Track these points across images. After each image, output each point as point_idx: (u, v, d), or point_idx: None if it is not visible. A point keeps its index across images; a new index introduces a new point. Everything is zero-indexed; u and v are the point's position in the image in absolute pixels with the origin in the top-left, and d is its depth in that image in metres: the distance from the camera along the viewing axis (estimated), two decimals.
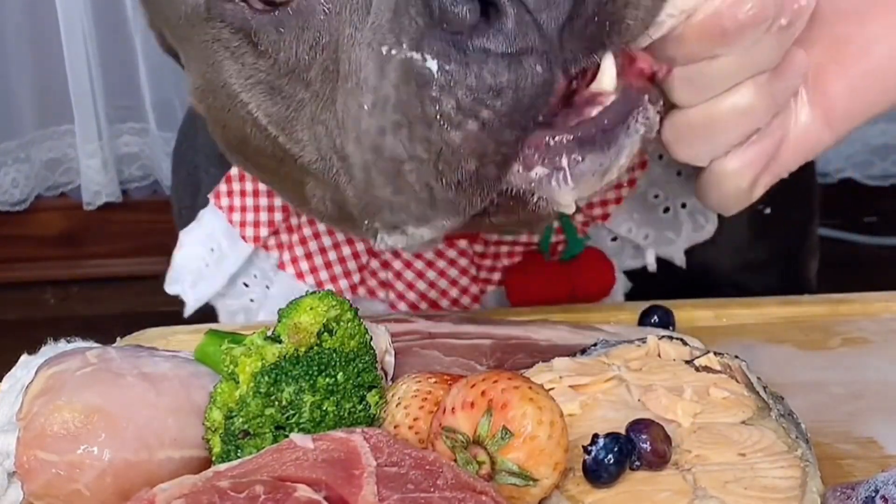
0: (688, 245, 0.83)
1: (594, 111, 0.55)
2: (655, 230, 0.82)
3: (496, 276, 0.83)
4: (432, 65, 0.52)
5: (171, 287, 0.85)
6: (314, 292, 0.59)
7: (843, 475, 0.60)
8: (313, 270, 0.82)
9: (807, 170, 0.84)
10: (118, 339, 0.75)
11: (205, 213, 0.84)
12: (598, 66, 0.55)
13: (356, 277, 0.84)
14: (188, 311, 0.85)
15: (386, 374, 0.64)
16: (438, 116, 0.53)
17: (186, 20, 0.64)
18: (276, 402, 0.57)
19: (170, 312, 0.91)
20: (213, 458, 0.57)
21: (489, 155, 0.54)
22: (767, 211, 0.86)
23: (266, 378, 0.57)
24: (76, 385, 0.58)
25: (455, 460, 0.53)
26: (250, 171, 0.75)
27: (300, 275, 0.82)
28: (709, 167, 0.61)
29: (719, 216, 0.81)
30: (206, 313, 0.91)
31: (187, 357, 0.63)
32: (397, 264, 0.83)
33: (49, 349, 0.67)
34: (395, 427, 0.58)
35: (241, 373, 0.57)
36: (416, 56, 0.52)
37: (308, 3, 0.58)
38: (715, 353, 0.63)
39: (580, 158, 0.54)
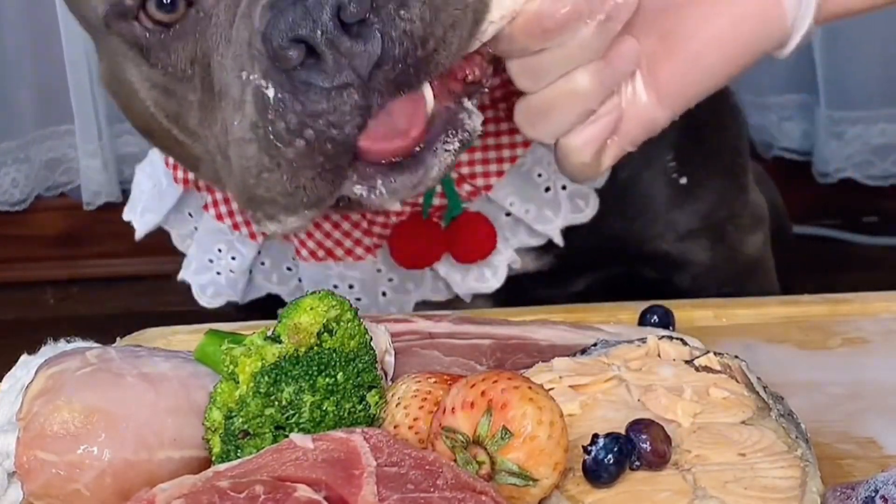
0: (564, 225, 0.88)
1: (413, 132, 0.66)
2: (536, 207, 0.88)
3: (387, 231, 0.89)
4: (270, 92, 0.63)
5: (127, 215, 0.96)
6: (314, 292, 0.59)
7: (842, 475, 0.60)
8: (230, 213, 0.90)
9: (726, 146, 0.97)
10: (118, 339, 0.75)
11: (152, 151, 0.94)
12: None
13: None
14: (137, 235, 0.95)
15: (386, 374, 0.64)
16: (274, 135, 0.64)
17: (92, 25, 0.75)
18: (276, 402, 0.57)
19: (170, 312, 0.92)
20: (213, 458, 0.57)
21: (319, 166, 0.65)
22: (683, 181, 0.93)
23: (266, 378, 0.57)
24: (76, 385, 0.58)
25: (455, 460, 0.53)
26: (157, 147, 0.85)
27: (219, 216, 0.91)
28: (556, 145, 0.69)
29: (640, 188, 0.89)
30: (207, 313, 0.91)
31: (187, 357, 0.63)
32: None
33: (49, 349, 0.67)
34: (394, 427, 0.58)
35: (240, 373, 0.57)
36: (262, 83, 0.64)
37: (186, 26, 0.69)
38: (715, 353, 0.63)
39: (392, 180, 0.67)
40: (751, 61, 0.67)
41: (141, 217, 0.94)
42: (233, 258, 0.92)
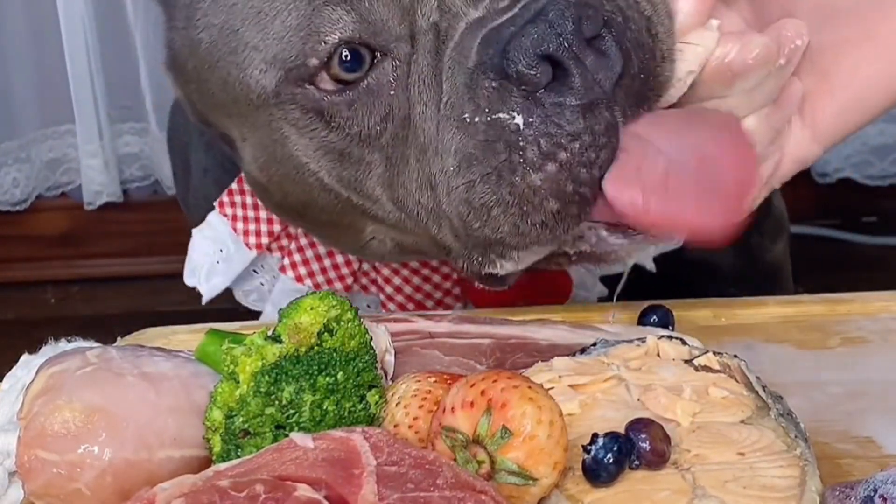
0: (657, 253, 0.88)
1: None
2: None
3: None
4: (518, 120, 0.60)
5: (188, 280, 0.92)
6: (314, 292, 0.59)
7: (841, 474, 0.60)
8: (311, 274, 0.88)
9: None
10: (118, 338, 0.75)
11: (212, 216, 0.90)
12: None
13: (349, 280, 0.89)
14: (205, 300, 0.92)
15: (386, 374, 0.64)
16: (522, 161, 0.60)
17: (247, 103, 0.68)
18: (277, 402, 0.57)
19: (170, 312, 0.93)
20: (214, 458, 0.57)
21: (569, 194, 0.61)
22: None
23: (266, 377, 0.57)
24: (76, 385, 0.58)
25: (455, 459, 0.53)
26: (303, 227, 0.83)
27: (299, 278, 0.88)
28: None
29: None
30: (207, 313, 0.91)
31: (187, 357, 0.63)
32: (386, 270, 0.88)
33: (49, 349, 0.67)
34: (394, 426, 0.58)
35: (241, 372, 0.57)
36: (503, 115, 0.60)
37: (377, 82, 0.64)
38: (714, 353, 0.63)
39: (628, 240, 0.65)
40: None
41: (207, 282, 0.91)
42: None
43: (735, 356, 0.63)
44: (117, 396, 0.58)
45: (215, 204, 0.90)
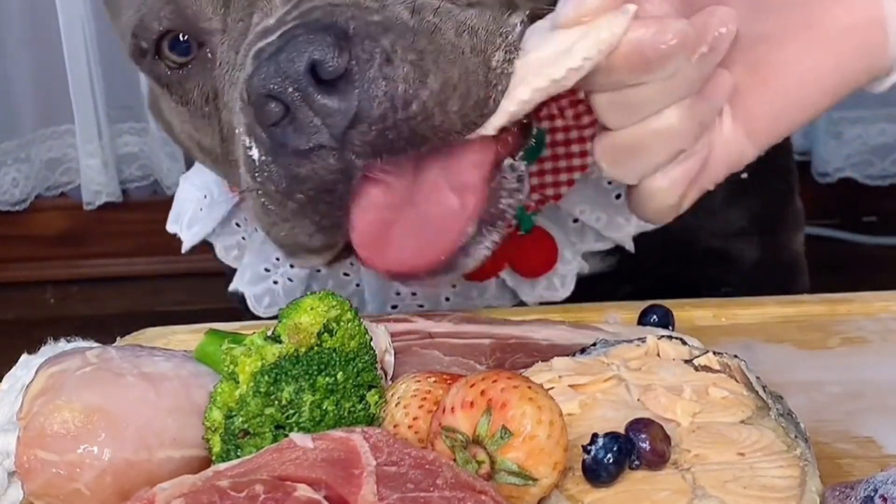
0: (637, 232, 0.86)
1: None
2: (607, 214, 0.86)
3: None
4: (255, 153, 0.62)
5: (170, 226, 0.94)
6: (314, 293, 0.59)
7: (841, 474, 0.60)
8: None
9: (780, 146, 0.91)
10: (118, 338, 0.75)
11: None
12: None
13: None
14: (185, 247, 0.93)
15: (386, 374, 0.64)
16: (265, 196, 0.64)
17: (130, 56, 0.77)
18: (276, 402, 0.57)
19: (170, 312, 0.92)
20: (213, 458, 0.57)
21: (315, 224, 0.64)
22: (744, 175, 0.87)
23: (266, 377, 0.57)
24: (76, 385, 0.58)
25: (454, 460, 0.53)
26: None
27: None
28: (639, 185, 0.64)
29: None
30: (207, 313, 0.91)
31: (187, 357, 0.63)
32: None
33: (49, 349, 0.67)
34: (394, 426, 0.58)
35: (241, 372, 0.57)
36: (247, 141, 0.63)
37: (199, 65, 0.70)
38: (714, 353, 0.63)
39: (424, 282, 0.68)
40: (846, 95, 0.63)
41: (188, 229, 0.92)
42: (291, 266, 0.91)
43: (735, 356, 0.63)
44: (117, 396, 0.58)
45: None
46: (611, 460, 0.53)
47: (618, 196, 0.85)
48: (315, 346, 0.58)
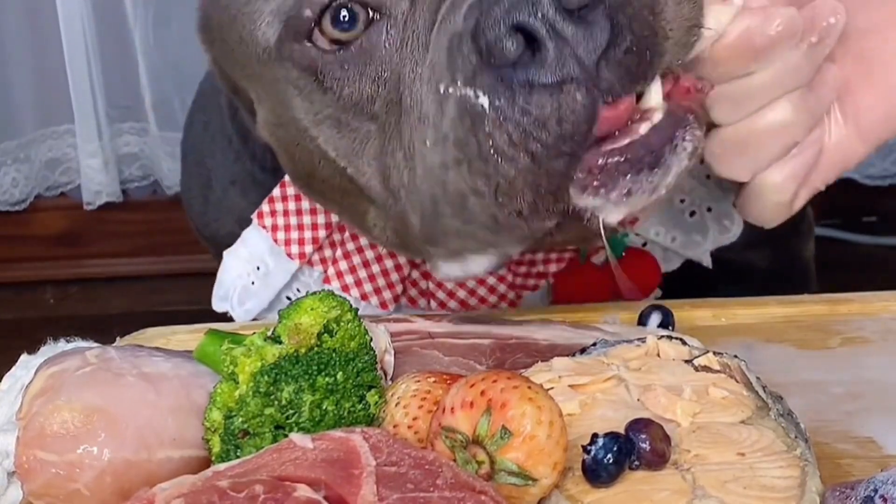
0: (713, 247, 0.86)
1: (643, 128, 0.58)
2: (683, 233, 0.85)
3: (531, 281, 0.84)
4: (484, 101, 0.55)
5: (218, 305, 0.88)
6: (315, 293, 0.59)
7: (842, 475, 0.60)
8: (357, 283, 0.84)
9: None
10: (118, 339, 0.75)
11: (248, 232, 0.87)
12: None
13: (399, 288, 0.86)
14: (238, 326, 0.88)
15: (385, 374, 0.64)
16: (493, 152, 0.56)
17: (257, 60, 0.68)
18: (276, 402, 0.57)
19: (170, 312, 0.92)
20: (213, 458, 0.57)
21: (543, 185, 0.57)
22: None
23: (265, 377, 0.57)
24: (76, 385, 0.58)
25: (454, 460, 0.53)
26: (317, 201, 0.79)
27: (345, 288, 0.85)
28: (751, 182, 0.63)
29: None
30: (207, 313, 0.91)
31: (187, 357, 0.63)
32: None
33: (49, 349, 0.67)
34: (394, 426, 0.58)
35: (240, 373, 0.57)
36: (470, 93, 0.56)
37: (371, 41, 0.62)
38: (714, 353, 0.63)
39: (631, 179, 0.57)
40: None
41: (240, 306, 0.87)
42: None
43: (735, 356, 0.63)
44: (116, 397, 0.58)
45: (253, 217, 0.86)
46: (611, 460, 0.53)
47: (692, 213, 0.84)
48: (315, 346, 0.58)
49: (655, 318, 0.73)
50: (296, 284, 0.87)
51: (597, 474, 0.53)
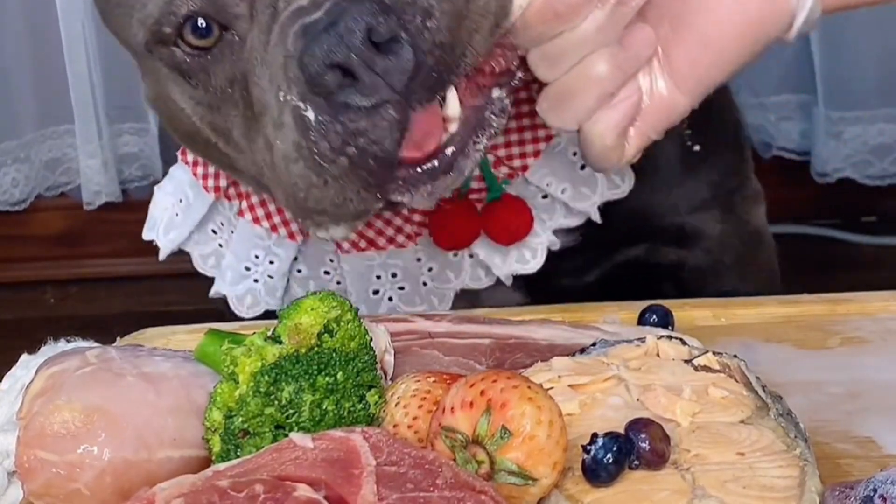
0: (602, 201, 0.89)
1: (444, 138, 0.69)
2: (573, 185, 0.89)
3: (426, 218, 0.90)
4: (311, 115, 0.66)
5: (146, 234, 0.95)
6: (315, 293, 0.59)
7: (841, 474, 0.60)
8: (268, 216, 0.91)
9: (728, 114, 1.01)
10: (118, 338, 0.75)
11: (175, 168, 0.94)
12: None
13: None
14: (162, 255, 0.95)
15: (385, 374, 0.64)
16: (318, 154, 0.67)
17: (133, 52, 0.78)
18: (276, 402, 0.57)
19: (170, 312, 0.92)
20: (213, 458, 0.57)
21: (364, 180, 0.67)
22: (696, 148, 0.95)
23: (266, 377, 0.57)
24: (76, 385, 0.58)
25: (454, 460, 0.53)
26: (203, 157, 0.88)
27: (256, 220, 0.91)
28: (580, 131, 0.70)
29: (652, 159, 0.88)
30: (207, 313, 0.91)
31: (187, 357, 0.63)
32: None
33: (49, 349, 0.67)
34: (394, 426, 0.58)
35: (240, 373, 0.57)
36: (301, 106, 0.66)
37: (224, 47, 0.72)
38: (714, 353, 0.63)
39: (430, 185, 0.69)
40: (761, 45, 0.69)
41: (165, 235, 0.94)
42: (271, 262, 0.92)
43: (734, 356, 0.63)
44: (117, 396, 0.58)
45: (178, 154, 0.93)
46: (610, 460, 0.53)
47: (582, 167, 0.89)
48: (315, 346, 0.58)
49: (654, 318, 0.73)
50: (217, 217, 0.93)
51: (596, 474, 0.53)
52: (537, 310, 0.80)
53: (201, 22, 0.72)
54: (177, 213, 0.93)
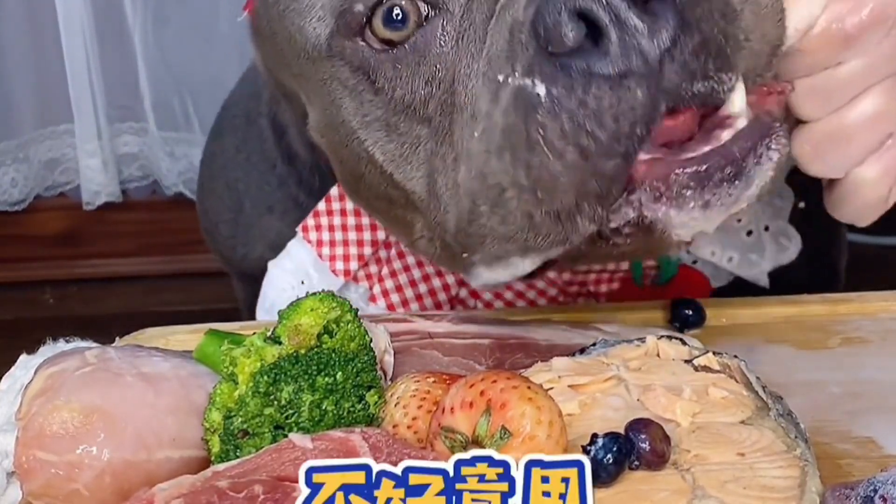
0: (772, 267, 0.83)
1: (725, 135, 0.55)
2: (739, 253, 0.83)
3: (581, 301, 0.83)
4: (540, 89, 0.53)
5: (263, 316, 0.86)
6: (315, 293, 0.59)
7: (841, 475, 0.60)
8: (404, 303, 0.83)
9: None
10: (117, 339, 0.75)
11: (293, 244, 0.85)
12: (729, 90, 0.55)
13: (446, 309, 0.84)
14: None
15: (385, 374, 0.64)
16: (542, 142, 0.53)
17: (307, 57, 0.66)
18: (276, 402, 0.57)
19: (169, 312, 0.92)
20: (212, 458, 0.57)
21: (588, 186, 0.54)
22: (802, 205, 0.85)
23: (265, 377, 0.57)
24: (75, 385, 0.58)
25: None
26: (364, 209, 0.77)
27: (391, 307, 0.83)
28: (845, 178, 0.61)
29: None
30: (207, 313, 0.91)
31: (186, 357, 0.63)
32: (487, 296, 0.84)
33: (48, 349, 0.67)
34: (393, 427, 0.58)
35: (240, 373, 0.57)
36: (527, 82, 0.53)
37: (425, 39, 0.60)
38: (714, 353, 0.63)
39: (710, 191, 0.54)
40: None
41: None
42: None
43: (735, 356, 0.63)
44: (116, 397, 0.58)
45: (298, 230, 0.85)
46: (610, 460, 0.53)
47: (749, 233, 0.82)
48: (315, 346, 0.58)
49: (689, 313, 0.72)
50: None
51: (596, 474, 0.53)
52: (537, 310, 0.80)
53: (400, 6, 0.60)
54: (297, 294, 0.85)
